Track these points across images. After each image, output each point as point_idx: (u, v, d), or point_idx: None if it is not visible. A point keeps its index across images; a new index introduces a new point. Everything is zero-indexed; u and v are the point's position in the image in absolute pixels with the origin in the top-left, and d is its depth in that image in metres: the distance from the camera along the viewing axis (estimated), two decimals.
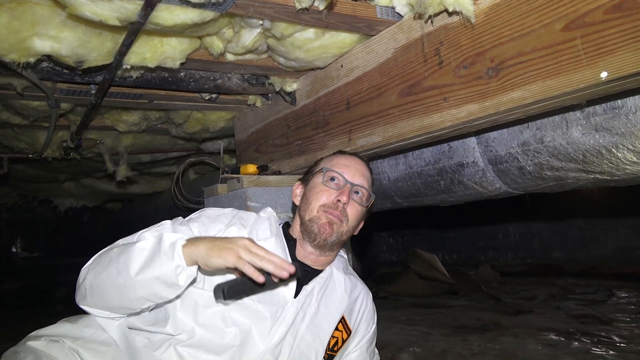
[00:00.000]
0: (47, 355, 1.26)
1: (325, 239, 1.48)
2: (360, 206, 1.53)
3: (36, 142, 3.18)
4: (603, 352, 2.78)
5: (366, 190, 1.54)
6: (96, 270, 1.31)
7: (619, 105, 1.49)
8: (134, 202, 6.31)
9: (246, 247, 1.20)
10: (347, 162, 1.57)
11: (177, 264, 1.20)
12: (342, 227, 1.49)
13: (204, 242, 1.22)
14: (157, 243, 1.24)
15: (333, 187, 1.52)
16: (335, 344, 1.53)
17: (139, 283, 1.23)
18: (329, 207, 1.49)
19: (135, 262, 1.23)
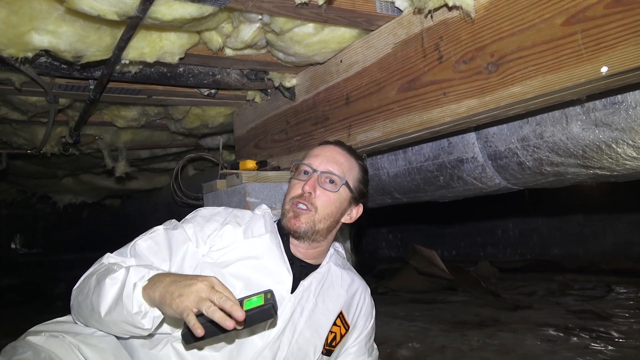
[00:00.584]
0: (47, 350, 1.26)
1: (295, 230, 1.48)
2: (331, 193, 1.50)
3: (35, 138, 3.17)
4: (602, 347, 2.78)
5: (336, 175, 1.51)
6: (79, 299, 1.30)
7: (619, 100, 1.49)
8: (133, 198, 6.31)
9: (199, 295, 1.10)
10: (318, 152, 1.57)
11: (137, 311, 1.15)
12: (311, 216, 1.48)
13: (161, 287, 1.14)
14: (123, 281, 1.19)
15: (303, 179, 1.52)
16: (334, 339, 1.53)
17: (110, 323, 1.22)
18: (297, 197, 1.49)
19: (104, 301, 1.20)
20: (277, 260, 1.46)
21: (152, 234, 1.44)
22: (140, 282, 1.18)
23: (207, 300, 1.09)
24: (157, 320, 1.20)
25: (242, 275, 1.42)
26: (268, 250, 1.47)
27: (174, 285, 1.13)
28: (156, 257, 1.39)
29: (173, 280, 1.15)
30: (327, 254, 1.62)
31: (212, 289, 1.11)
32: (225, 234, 1.48)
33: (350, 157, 1.58)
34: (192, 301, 1.09)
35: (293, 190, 1.52)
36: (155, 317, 1.19)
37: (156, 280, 1.18)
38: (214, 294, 1.10)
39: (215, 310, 1.07)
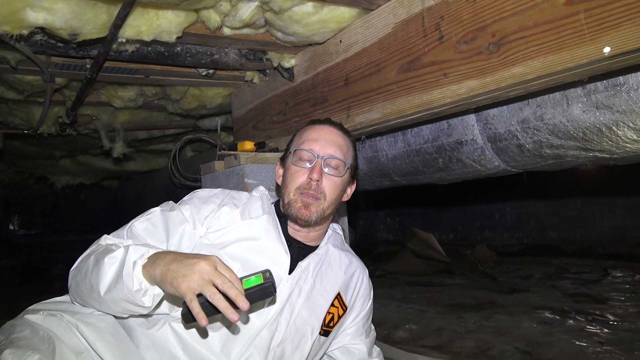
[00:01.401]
0: (45, 328, 1.26)
1: (305, 220, 1.47)
2: (336, 177, 1.50)
3: (31, 118, 3.15)
4: (597, 330, 2.81)
5: (339, 159, 1.50)
6: (77, 279, 1.29)
7: (621, 82, 1.47)
8: (131, 179, 6.30)
9: (202, 277, 1.09)
10: (316, 135, 1.53)
11: (137, 289, 1.15)
12: (320, 204, 1.47)
13: (162, 265, 1.14)
14: (122, 259, 1.19)
15: (305, 166, 1.49)
16: (331, 320, 1.53)
17: (109, 302, 1.21)
18: (304, 187, 1.47)
19: (104, 280, 1.19)
20: (275, 241, 1.46)
21: (148, 215, 1.44)
22: (141, 260, 1.18)
23: (211, 284, 1.08)
24: (157, 298, 1.20)
25: (239, 257, 1.42)
26: (265, 231, 1.47)
27: (176, 264, 1.13)
28: (153, 238, 1.38)
29: (174, 259, 1.14)
30: (325, 235, 1.62)
31: (215, 269, 1.11)
32: (222, 215, 1.47)
33: (345, 137, 1.57)
34: (196, 283, 1.08)
35: (297, 178, 1.49)
36: (155, 295, 1.18)
37: (156, 259, 1.17)
38: (217, 277, 1.09)
39: (220, 299, 1.07)
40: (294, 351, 1.44)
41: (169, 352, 1.32)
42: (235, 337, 1.35)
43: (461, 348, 2.64)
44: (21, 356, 1.13)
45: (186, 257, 1.14)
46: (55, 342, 1.22)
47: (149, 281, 1.17)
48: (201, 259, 1.13)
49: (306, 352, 1.46)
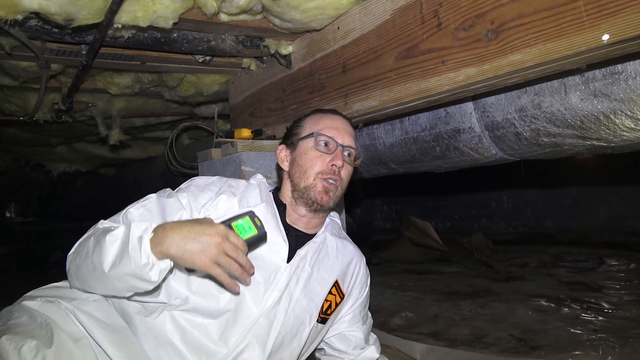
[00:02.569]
0: (43, 315, 1.26)
1: (323, 205, 1.49)
2: (351, 167, 1.55)
3: (27, 104, 3.13)
4: (592, 317, 2.82)
5: (355, 149, 1.54)
6: (77, 262, 1.29)
7: (619, 70, 1.47)
8: (128, 167, 6.29)
9: (218, 250, 1.17)
10: (335, 124, 1.55)
11: (145, 262, 1.16)
12: (338, 191, 1.51)
13: (174, 242, 1.17)
14: (125, 236, 1.20)
15: (325, 152, 1.50)
16: (329, 308, 1.54)
17: (114, 278, 1.22)
18: (326, 173, 1.49)
19: (107, 257, 1.20)
20: (273, 229, 1.46)
21: (144, 202, 1.43)
22: (146, 235, 1.19)
23: (225, 254, 1.18)
24: (164, 273, 1.22)
25: None
26: (264, 219, 1.46)
27: (190, 242, 1.16)
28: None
29: (185, 236, 1.17)
30: (323, 223, 1.62)
31: (226, 239, 1.18)
32: (220, 203, 1.47)
33: (353, 129, 1.60)
34: (214, 257, 1.16)
35: (317, 163, 1.50)
36: (162, 270, 1.20)
37: (164, 234, 1.18)
38: (230, 247, 1.18)
39: (237, 269, 1.20)
40: (292, 339, 1.45)
41: (166, 340, 1.32)
42: (233, 325, 1.35)
43: (457, 335, 2.65)
44: (19, 342, 1.13)
45: (197, 233, 1.17)
46: (53, 328, 1.22)
47: (158, 256, 1.18)
48: (211, 232, 1.17)
49: (304, 339, 1.47)
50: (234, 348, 1.34)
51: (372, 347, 1.69)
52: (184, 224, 1.20)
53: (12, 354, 1.10)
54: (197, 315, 1.34)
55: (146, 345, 1.32)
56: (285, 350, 1.43)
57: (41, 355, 1.12)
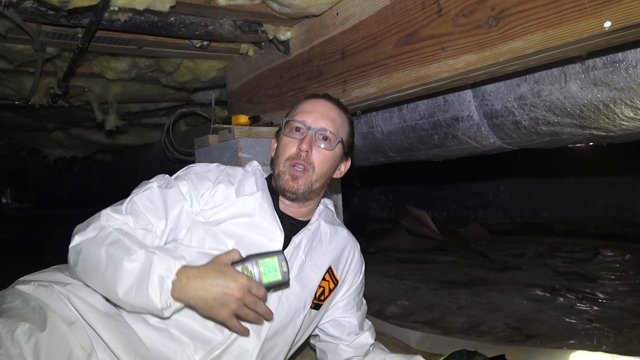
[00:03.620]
0: (36, 299, 1.25)
1: (293, 192, 1.48)
2: (326, 151, 1.50)
3: (22, 88, 3.10)
4: (587, 307, 2.84)
5: (331, 133, 1.50)
6: (84, 266, 1.28)
7: (620, 58, 1.46)
8: (124, 153, 6.26)
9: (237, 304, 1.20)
10: (310, 107, 1.53)
11: (163, 307, 1.19)
12: (309, 177, 1.47)
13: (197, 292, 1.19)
14: (146, 268, 1.20)
15: (296, 137, 1.49)
16: (322, 294, 1.54)
17: (126, 303, 1.23)
18: (293, 158, 1.48)
19: (123, 283, 1.20)
20: (269, 218, 1.46)
21: (146, 191, 1.42)
22: (169, 278, 1.19)
23: (244, 307, 1.21)
24: (178, 310, 1.24)
25: (234, 233, 1.42)
26: (260, 208, 1.46)
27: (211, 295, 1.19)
28: (152, 215, 1.38)
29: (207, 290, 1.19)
30: (316, 210, 1.62)
31: (247, 292, 1.20)
32: (218, 192, 1.47)
33: (341, 112, 1.56)
34: (234, 311, 1.20)
35: (287, 149, 1.50)
36: (176, 309, 1.22)
37: (186, 282, 1.20)
38: (250, 300, 1.21)
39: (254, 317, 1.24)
40: (286, 325, 1.45)
41: (160, 327, 1.31)
42: None
43: (452, 324, 2.67)
44: (12, 326, 1.13)
45: (220, 287, 1.19)
46: (46, 312, 1.22)
47: (176, 299, 1.20)
48: (234, 288, 1.19)
49: (298, 325, 1.47)
50: (230, 334, 1.34)
51: (367, 333, 1.70)
52: (206, 274, 1.21)
53: (5, 337, 1.10)
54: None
55: (140, 331, 1.32)
56: (280, 337, 1.44)
57: (34, 339, 1.12)
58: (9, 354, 1.06)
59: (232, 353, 1.34)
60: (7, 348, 1.08)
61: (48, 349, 1.12)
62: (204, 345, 1.32)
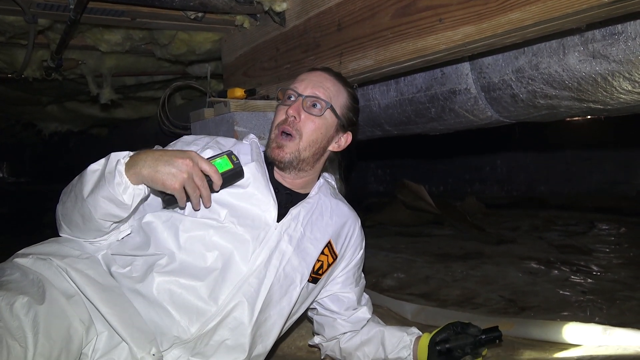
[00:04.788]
0: (34, 272, 1.26)
1: (280, 160, 1.49)
2: (315, 117, 1.49)
3: (15, 61, 3.06)
4: (581, 280, 2.87)
5: (321, 99, 1.50)
6: (63, 200, 1.35)
7: (619, 30, 1.44)
8: (120, 127, 6.23)
9: (188, 175, 1.25)
10: (304, 76, 1.56)
11: (118, 182, 1.22)
12: (295, 144, 1.48)
13: (148, 166, 1.23)
14: (105, 163, 1.27)
15: (288, 104, 1.51)
16: (320, 268, 1.55)
17: (91, 204, 1.25)
18: (281, 123, 1.49)
19: (87, 185, 1.27)
20: (262, 188, 1.46)
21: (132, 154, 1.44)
22: (123, 159, 1.24)
23: (193, 180, 1.26)
24: (137, 198, 1.27)
25: (227, 203, 1.42)
26: (253, 178, 1.46)
27: (162, 164, 1.23)
28: None
29: (158, 159, 1.24)
30: (316, 183, 1.62)
31: (196, 166, 1.26)
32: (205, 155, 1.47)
33: (337, 83, 1.56)
34: (182, 181, 1.24)
35: (278, 116, 1.52)
36: (135, 195, 1.26)
37: (139, 159, 1.25)
38: (197, 175, 1.27)
39: (197, 196, 1.28)
40: (281, 297, 1.45)
41: (155, 301, 1.32)
42: (222, 283, 1.36)
43: (447, 296, 2.70)
44: (11, 299, 1.13)
45: (170, 156, 1.25)
46: (45, 285, 1.22)
47: (133, 180, 1.23)
48: (183, 157, 1.25)
49: (294, 298, 1.48)
50: (224, 307, 1.35)
51: (364, 307, 1.71)
52: (158, 150, 1.28)
53: (4, 310, 1.10)
54: (183, 277, 1.34)
55: (137, 304, 1.33)
56: (274, 309, 1.44)
57: (33, 312, 1.13)
58: (7, 327, 1.07)
59: (227, 325, 1.36)
60: (6, 321, 1.08)
61: (47, 322, 1.13)
62: (199, 317, 1.33)
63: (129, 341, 1.23)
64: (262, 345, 1.44)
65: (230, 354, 1.37)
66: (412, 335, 1.68)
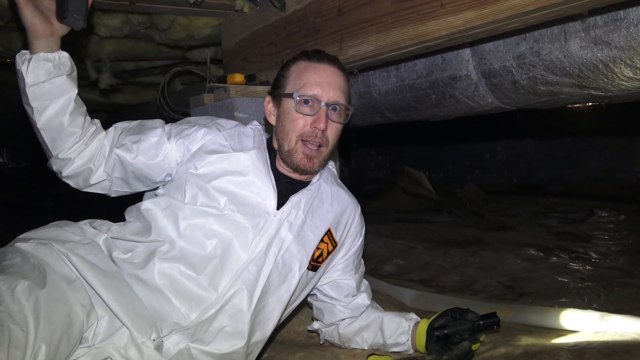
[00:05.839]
0: (36, 257, 1.27)
1: (307, 170, 1.49)
2: (339, 124, 1.49)
3: (13, 46, 3.05)
4: (580, 267, 2.88)
5: (343, 105, 1.48)
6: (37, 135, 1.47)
7: (621, 16, 1.43)
8: (120, 113, 6.20)
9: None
10: (318, 77, 1.46)
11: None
12: (322, 153, 1.48)
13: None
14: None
15: (308, 113, 1.45)
16: (320, 255, 1.55)
17: (29, 93, 1.36)
18: (307, 136, 1.45)
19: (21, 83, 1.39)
20: (263, 176, 1.46)
21: None
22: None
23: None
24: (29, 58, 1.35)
25: (226, 191, 1.42)
26: (254, 166, 1.46)
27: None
28: (129, 134, 1.50)
29: None
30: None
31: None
32: (200, 132, 1.49)
33: (343, 75, 1.53)
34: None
35: (298, 125, 1.46)
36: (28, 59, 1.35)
37: None
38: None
39: None
40: (280, 285, 1.46)
41: (156, 287, 1.33)
42: (222, 271, 1.37)
43: (446, 282, 2.71)
44: (12, 283, 1.14)
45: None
46: (46, 270, 1.23)
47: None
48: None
49: (293, 286, 1.48)
50: (224, 294, 1.36)
51: (364, 294, 1.72)
52: None
53: (5, 294, 1.11)
54: (185, 264, 1.35)
55: (137, 290, 1.34)
56: (273, 296, 1.45)
57: (34, 296, 1.13)
58: (9, 311, 1.08)
59: (226, 312, 1.36)
60: (8, 305, 1.09)
61: (48, 306, 1.13)
62: (199, 304, 1.34)
63: (130, 326, 1.24)
64: (261, 332, 1.45)
65: (230, 341, 1.38)
66: (411, 321, 1.69)
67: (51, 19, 1.34)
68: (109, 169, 1.47)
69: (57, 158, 1.43)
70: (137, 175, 1.48)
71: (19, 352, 1.03)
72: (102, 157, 1.47)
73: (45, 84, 1.35)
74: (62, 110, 1.38)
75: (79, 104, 1.43)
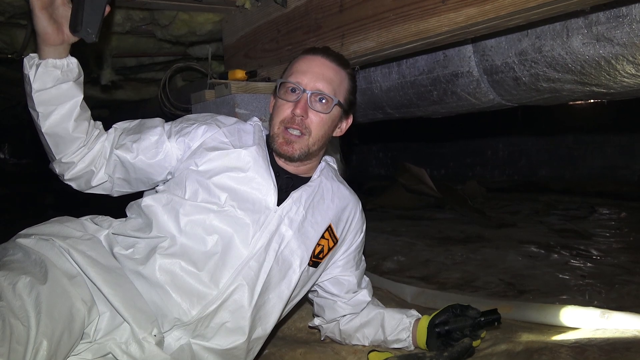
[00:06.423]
0: (37, 252, 1.27)
1: (289, 156, 1.48)
2: (323, 114, 1.48)
3: (15, 42, 3.04)
4: (581, 264, 2.88)
5: (327, 96, 1.47)
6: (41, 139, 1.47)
7: (624, 13, 1.43)
8: (121, 109, 6.20)
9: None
10: (306, 67, 1.48)
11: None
12: (304, 141, 1.47)
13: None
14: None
15: (291, 99, 1.46)
16: (321, 252, 1.55)
17: (35, 98, 1.35)
18: (287, 122, 1.46)
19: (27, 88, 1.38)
20: (263, 172, 1.46)
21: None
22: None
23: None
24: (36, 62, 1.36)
25: (227, 187, 1.42)
26: (254, 162, 1.46)
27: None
28: (129, 134, 1.51)
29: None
30: (318, 167, 1.61)
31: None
32: (200, 129, 1.49)
33: (339, 69, 1.52)
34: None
35: (282, 112, 1.47)
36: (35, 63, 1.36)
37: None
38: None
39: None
40: (280, 281, 1.46)
41: (157, 283, 1.33)
42: (223, 267, 1.37)
43: (447, 279, 2.71)
44: (13, 278, 1.14)
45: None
46: (47, 265, 1.23)
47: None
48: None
49: (293, 282, 1.48)
50: (224, 290, 1.36)
51: (364, 290, 1.72)
52: None
53: (7, 290, 1.11)
54: (186, 260, 1.35)
55: (139, 286, 1.34)
56: (273, 292, 1.45)
57: (35, 292, 1.13)
58: (10, 306, 1.08)
59: (227, 308, 1.37)
60: (9, 300, 1.09)
61: (49, 302, 1.13)
62: (200, 300, 1.34)
63: (131, 322, 1.24)
64: (262, 328, 1.45)
65: (231, 336, 1.38)
66: (412, 318, 1.69)
67: (64, 27, 1.33)
68: (110, 170, 1.47)
69: (60, 162, 1.43)
70: (138, 175, 1.49)
71: (21, 347, 1.03)
72: (102, 159, 1.47)
73: (51, 90, 1.35)
74: (67, 115, 1.38)
75: (84, 109, 1.42)
